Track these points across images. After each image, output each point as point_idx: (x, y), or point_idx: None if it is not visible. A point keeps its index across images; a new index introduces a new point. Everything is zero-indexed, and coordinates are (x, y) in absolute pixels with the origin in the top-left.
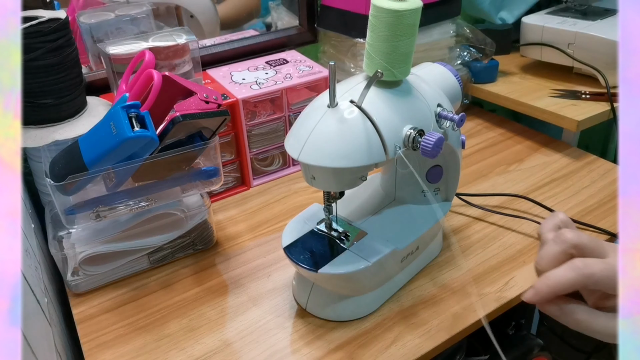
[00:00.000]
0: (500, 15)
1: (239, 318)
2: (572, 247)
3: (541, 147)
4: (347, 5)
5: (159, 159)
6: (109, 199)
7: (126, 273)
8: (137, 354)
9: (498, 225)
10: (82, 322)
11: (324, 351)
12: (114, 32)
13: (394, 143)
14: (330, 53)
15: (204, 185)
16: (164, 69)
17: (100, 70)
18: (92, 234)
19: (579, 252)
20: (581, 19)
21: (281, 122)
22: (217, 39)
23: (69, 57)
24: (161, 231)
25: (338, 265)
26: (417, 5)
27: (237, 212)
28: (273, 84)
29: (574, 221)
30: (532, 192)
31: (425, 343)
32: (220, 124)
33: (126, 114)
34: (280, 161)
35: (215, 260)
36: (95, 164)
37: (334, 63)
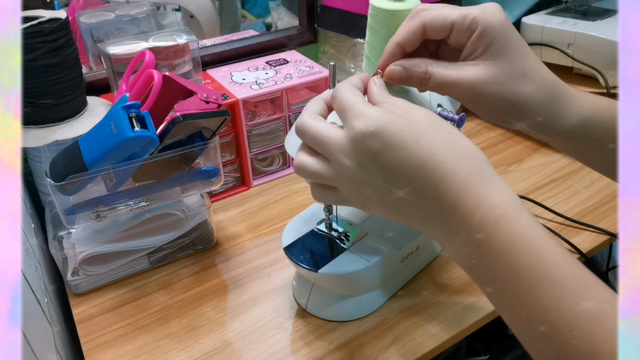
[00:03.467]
0: None
1: (239, 318)
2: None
3: (541, 147)
4: (347, 6)
5: (159, 159)
6: (109, 199)
7: (126, 273)
8: (137, 354)
9: None
10: (82, 322)
11: (324, 351)
12: (114, 32)
13: None
14: (330, 53)
15: (204, 185)
16: (164, 69)
17: (100, 70)
18: (92, 234)
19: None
20: (581, 19)
21: (281, 122)
22: (217, 39)
23: (69, 57)
24: (161, 231)
25: (338, 266)
26: (416, 6)
27: (237, 212)
28: (273, 84)
29: (573, 221)
30: (532, 192)
31: (425, 343)
32: (220, 124)
33: (126, 114)
34: (280, 161)
35: (215, 260)
36: (96, 164)
37: (334, 63)
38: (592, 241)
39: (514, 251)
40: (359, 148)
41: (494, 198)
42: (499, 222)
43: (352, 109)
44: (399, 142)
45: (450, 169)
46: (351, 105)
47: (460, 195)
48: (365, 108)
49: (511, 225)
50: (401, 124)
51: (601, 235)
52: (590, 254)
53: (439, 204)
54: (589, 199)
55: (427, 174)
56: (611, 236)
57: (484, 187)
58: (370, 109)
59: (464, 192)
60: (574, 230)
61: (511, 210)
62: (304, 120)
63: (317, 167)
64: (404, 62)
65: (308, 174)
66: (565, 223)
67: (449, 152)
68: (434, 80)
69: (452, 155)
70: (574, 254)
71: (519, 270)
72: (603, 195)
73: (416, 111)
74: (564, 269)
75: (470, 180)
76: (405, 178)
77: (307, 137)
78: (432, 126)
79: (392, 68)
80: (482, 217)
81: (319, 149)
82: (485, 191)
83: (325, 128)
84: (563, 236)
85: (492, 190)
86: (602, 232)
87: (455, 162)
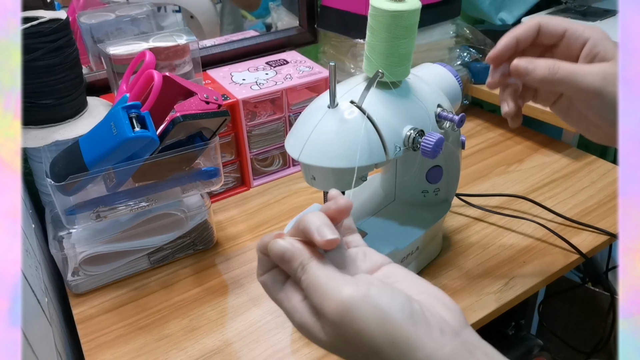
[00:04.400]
0: (500, 16)
1: (239, 318)
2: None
3: (541, 147)
4: (347, 6)
5: (160, 159)
6: (109, 199)
7: (126, 273)
8: (137, 354)
9: (498, 226)
10: (83, 322)
11: (324, 351)
12: (114, 32)
13: (394, 143)
14: (330, 53)
15: (204, 185)
16: (165, 70)
17: (100, 70)
18: (92, 234)
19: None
20: (581, 19)
21: (281, 122)
22: (217, 40)
23: (69, 57)
24: (161, 231)
25: None
26: (416, 6)
27: (237, 212)
28: (273, 84)
29: (573, 221)
30: (532, 193)
31: None
32: (220, 124)
33: (127, 114)
34: (280, 161)
35: (216, 260)
36: (96, 164)
37: (334, 64)
38: (592, 241)
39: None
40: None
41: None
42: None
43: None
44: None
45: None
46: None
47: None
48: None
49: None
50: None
51: (601, 235)
52: (590, 254)
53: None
54: (589, 199)
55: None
56: (611, 236)
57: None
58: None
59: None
60: (574, 230)
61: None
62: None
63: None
64: (526, 57)
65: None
66: (565, 223)
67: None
68: (562, 71)
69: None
70: (574, 254)
71: None
72: (603, 195)
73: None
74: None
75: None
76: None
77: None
78: (345, 353)
79: (518, 61)
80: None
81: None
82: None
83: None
84: (563, 236)
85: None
86: (602, 232)
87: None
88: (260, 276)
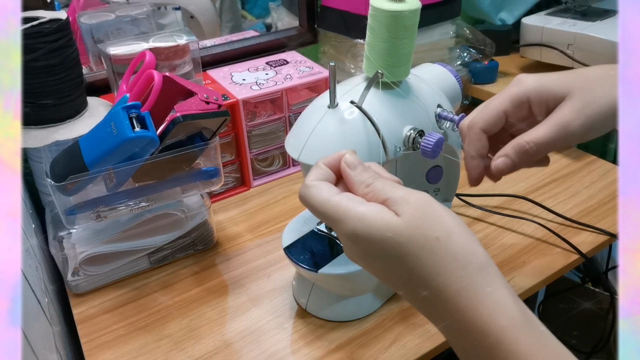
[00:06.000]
0: (500, 16)
1: (239, 318)
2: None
3: None
4: (347, 6)
5: (160, 159)
6: (109, 199)
7: (126, 273)
8: (137, 354)
9: (498, 226)
10: (83, 322)
11: (324, 351)
12: (114, 32)
13: (394, 143)
14: (331, 54)
15: (204, 185)
16: (165, 70)
17: (100, 70)
18: (92, 234)
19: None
20: (581, 19)
21: (281, 122)
22: (217, 40)
23: (69, 57)
24: (161, 231)
25: (338, 266)
26: (416, 6)
27: (237, 212)
28: (273, 84)
29: (573, 221)
30: (532, 193)
31: (425, 343)
32: (220, 124)
33: (127, 114)
34: (280, 161)
35: (216, 260)
36: (96, 165)
37: (334, 64)
38: (592, 241)
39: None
40: (356, 246)
41: (485, 320)
42: (491, 350)
43: (332, 216)
44: (381, 254)
45: (435, 286)
46: (328, 212)
47: (446, 317)
48: (342, 214)
49: (509, 349)
50: (381, 236)
51: (601, 236)
52: (590, 254)
53: (431, 317)
54: (589, 199)
55: (412, 290)
56: (611, 236)
57: (474, 306)
58: (347, 213)
59: (450, 314)
60: (574, 230)
61: (508, 334)
62: (310, 194)
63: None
64: (501, 152)
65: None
66: (565, 223)
67: (433, 266)
68: (541, 145)
69: (438, 270)
70: (574, 254)
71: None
72: (603, 196)
73: (403, 208)
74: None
75: (458, 299)
76: (396, 287)
77: (313, 212)
78: (417, 233)
79: (498, 162)
80: (472, 342)
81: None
82: (476, 312)
83: (328, 204)
84: (563, 236)
85: (485, 310)
86: (602, 232)
87: (440, 278)
88: (312, 181)
